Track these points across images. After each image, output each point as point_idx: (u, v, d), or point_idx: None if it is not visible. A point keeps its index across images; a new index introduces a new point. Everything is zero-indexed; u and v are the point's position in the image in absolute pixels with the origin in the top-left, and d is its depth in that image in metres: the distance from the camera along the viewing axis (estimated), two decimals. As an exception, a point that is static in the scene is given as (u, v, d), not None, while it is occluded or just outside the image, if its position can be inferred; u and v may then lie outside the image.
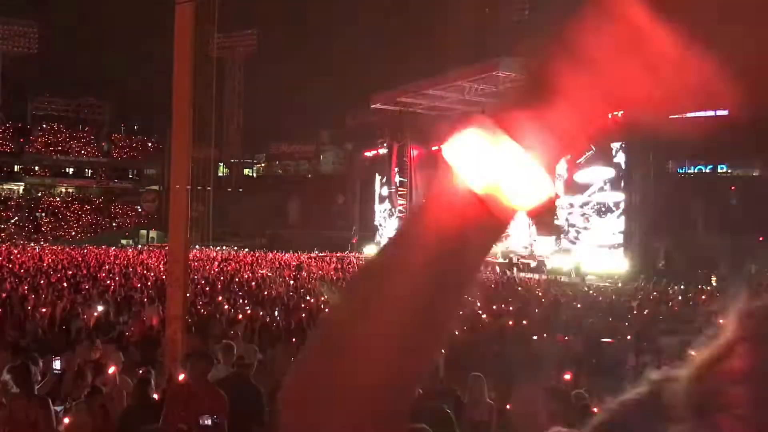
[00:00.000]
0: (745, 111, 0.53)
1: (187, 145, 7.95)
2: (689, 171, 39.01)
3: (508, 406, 6.67)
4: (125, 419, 5.31)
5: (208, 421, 4.40)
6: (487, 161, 0.56)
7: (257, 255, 40.45)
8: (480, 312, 16.33)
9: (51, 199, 67.33)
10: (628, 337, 13.27)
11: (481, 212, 0.58)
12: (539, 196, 0.57)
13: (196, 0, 8.04)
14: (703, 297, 22.44)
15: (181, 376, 5.52)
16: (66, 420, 5.09)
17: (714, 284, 27.42)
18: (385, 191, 48.93)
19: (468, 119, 0.58)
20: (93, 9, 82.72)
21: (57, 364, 7.08)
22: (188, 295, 9.58)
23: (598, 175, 33.99)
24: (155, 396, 5.80)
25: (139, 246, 53.83)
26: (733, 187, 35.69)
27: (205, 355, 5.80)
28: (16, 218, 62.98)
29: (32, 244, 49.23)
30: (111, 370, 5.89)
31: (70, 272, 23.35)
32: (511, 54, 39.19)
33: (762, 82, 0.52)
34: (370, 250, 47.22)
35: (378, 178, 50.40)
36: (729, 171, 38.77)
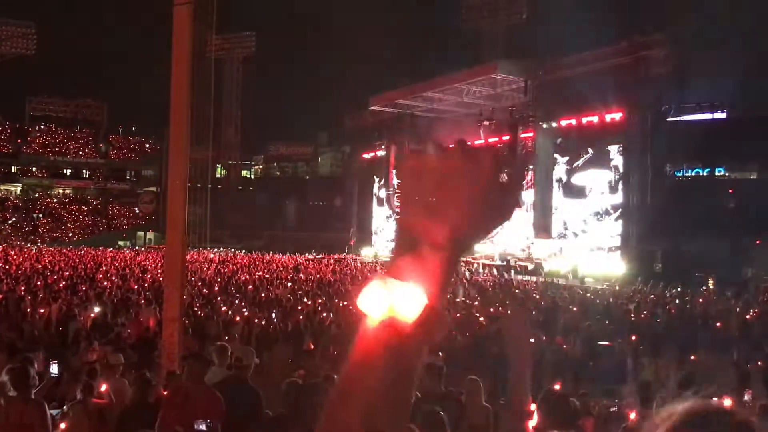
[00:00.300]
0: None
1: (184, 147, 7.92)
2: (687, 174, 39.01)
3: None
4: (122, 421, 5.29)
5: (203, 426, 4.37)
6: (382, 298, 0.86)
7: (254, 256, 40.42)
8: (477, 314, 16.33)
9: (48, 200, 67.18)
10: (633, 338, 13.27)
11: (388, 331, 0.86)
12: (418, 305, 0.85)
13: (194, 2, 8.02)
14: (700, 300, 22.44)
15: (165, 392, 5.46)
16: (62, 425, 5.06)
17: (711, 287, 27.41)
18: (382, 193, 48.92)
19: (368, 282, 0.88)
20: (91, 10, 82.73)
21: (54, 368, 7.01)
22: (185, 297, 9.55)
23: (595, 178, 34.02)
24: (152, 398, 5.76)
25: (137, 247, 53.74)
26: (731, 190, 35.70)
27: (202, 357, 5.78)
28: (14, 219, 62.85)
29: (29, 245, 49.12)
30: (103, 388, 5.80)
31: (67, 273, 23.30)
32: (509, 57, 39.24)
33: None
34: (367, 252, 47.22)
35: (376, 180, 50.41)
36: (727, 174, 38.78)
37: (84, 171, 70.25)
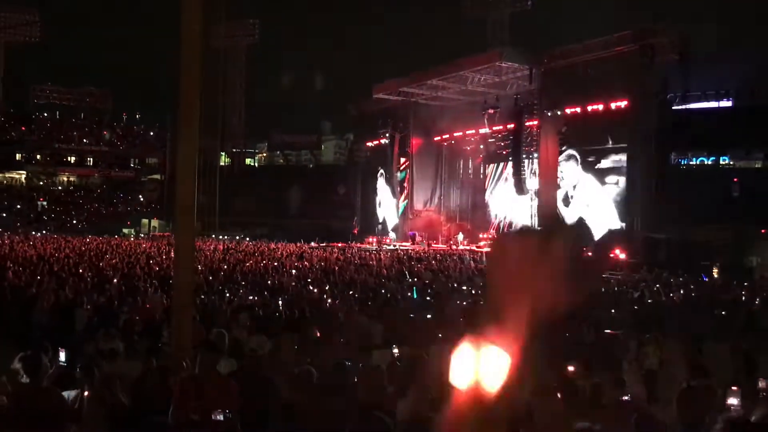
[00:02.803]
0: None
1: (194, 134, 7.89)
2: (692, 162, 38.84)
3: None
4: (135, 408, 5.31)
5: (220, 417, 4.39)
6: (469, 366, 0.96)
7: (259, 244, 40.44)
8: (481, 303, 16.32)
9: (52, 187, 67.28)
10: (638, 326, 13.25)
11: (473, 399, 0.96)
12: (502, 371, 0.95)
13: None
14: (706, 289, 22.41)
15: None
16: (75, 407, 5.08)
17: (715, 276, 27.36)
18: (386, 181, 48.87)
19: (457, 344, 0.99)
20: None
21: (62, 356, 6.99)
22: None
23: (600, 166, 33.93)
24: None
25: (141, 235, 53.82)
26: (735, 179, 35.53)
27: (213, 346, 5.80)
28: (18, 207, 62.99)
29: (33, 233, 49.22)
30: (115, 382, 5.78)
31: (72, 261, 23.35)
32: (514, 44, 39.06)
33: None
34: (370, 240, 47.17)
35: (380, 168, 50.32)
36: (731, 163, 38.58)
37: (88, 159, 70.25)
